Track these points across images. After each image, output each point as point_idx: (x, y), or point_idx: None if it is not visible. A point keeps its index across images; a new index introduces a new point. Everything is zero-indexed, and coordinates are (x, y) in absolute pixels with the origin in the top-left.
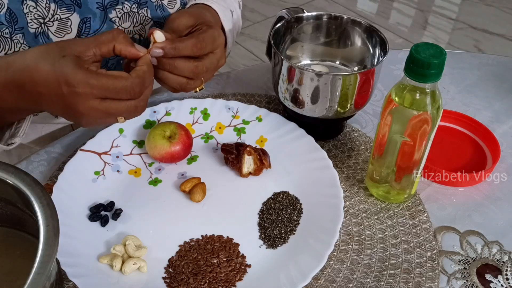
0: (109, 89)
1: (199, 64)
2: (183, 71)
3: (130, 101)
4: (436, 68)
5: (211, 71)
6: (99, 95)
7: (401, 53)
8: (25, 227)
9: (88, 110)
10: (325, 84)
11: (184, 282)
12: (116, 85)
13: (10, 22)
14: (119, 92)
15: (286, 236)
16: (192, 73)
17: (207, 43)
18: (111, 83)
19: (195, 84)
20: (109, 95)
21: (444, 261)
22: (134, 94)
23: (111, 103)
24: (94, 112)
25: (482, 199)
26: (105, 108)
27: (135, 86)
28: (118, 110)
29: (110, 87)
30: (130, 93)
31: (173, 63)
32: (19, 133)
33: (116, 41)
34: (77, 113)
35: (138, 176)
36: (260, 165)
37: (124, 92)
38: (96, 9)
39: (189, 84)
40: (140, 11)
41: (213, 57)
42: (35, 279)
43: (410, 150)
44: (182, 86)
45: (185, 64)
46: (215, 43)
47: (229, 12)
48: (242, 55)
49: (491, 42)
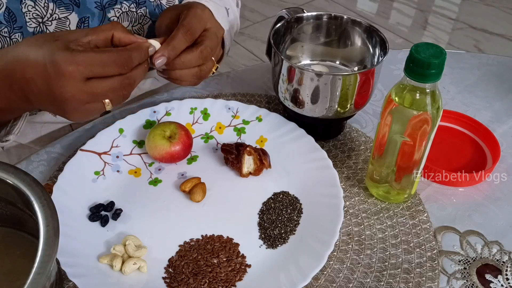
0: (95, 63)
1: (203, 48)
2: (192, 62)
3: (116, 78)
4: (436, 68)
5: (215, 47)
6: (85, 71)
7: (401, 53)
8: (25, 227)
9: (73, 92)
10: (325, 84)
11: (184, 282)
12: (103, 57)
13: (9, 21)
14: (106, 64)
15: (286, 236)
16: (200, 59)
17: (195, 24)
18: (97, 56)
19: (209, 67)
20: (95, 69)
21: (444, 261)
22: (122, 66)
23: (96, 83)
24: (79, 93)
25: (482, 199)
26: (90, 89)
27: (122, 57)
28: (103, 88)
29: (97, 59)
30: (117, 64)
31: (179, 60)
32: (14, 131)
33: (114, 30)
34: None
35: (138, 176)
36: (260, 165)
37: (111, 64)
38: (94, 9)
39: (203, 70)
40: (138, 10)
41: (210, 33)
42: (35, 279)
43: (410, 150)
44: (197, 76)
45: (190, 55)
46: (202, 20)
47: (224, 10)
48: (242, 55)
49: (491, 42)
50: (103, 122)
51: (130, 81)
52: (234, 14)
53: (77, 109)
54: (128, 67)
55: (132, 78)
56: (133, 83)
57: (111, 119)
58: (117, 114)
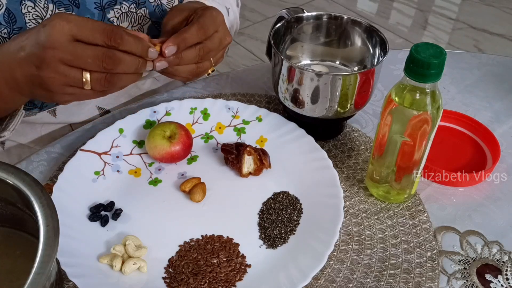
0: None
1: (202, 46)
2: (189, 59)
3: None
4: (436, 68)
5: (216, 50)
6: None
7: (401, 53)
8: (25, 227)
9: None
10: (325, 84)
11: (184, 282)
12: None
13: (8, 22)
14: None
15: (286, 236)
16: (197, 57)
17: (209, 24)
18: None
19: (205, 67)
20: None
21: (444, 261)
22: (109, 38)
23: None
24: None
25: (482, 199)
26: (73, 48)
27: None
28: (85, 52)
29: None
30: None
31: (179, 55)
32: (9, 127)
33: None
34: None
35: (138, 176)
36: (260, 165)
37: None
38: (94, 9)
39: (199, 68)
40: (138, 11)
41: (215, 37)
42: (35, 279)
43: (410, 150)
44: (193, 73)
45: (189, 52)
46: (216, 22)
47: (225, 9)
48: (242, 55)
49: (491, 42)
50: (103, 122)
51: (114, 58)
52: (234, 14)
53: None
54: (116, 41)
55: (117, 56)
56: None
57: (111, 119)
58: (117, 114)
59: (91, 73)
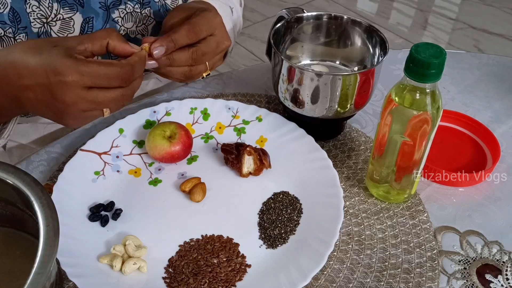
0: (99, 76)
1: (195, 49)
2: (181, 61)
3: (118, 90)
4: (436, 68)
5: (212, 54)
6: (88, 82)
7: (401, 53)
8: (25, 227)
9: (74, 100)
10: (325, 84)
11: (184, 282)
12: (108, 71)
13: (13, 21)
14: (110, 78)
15: (286, 236)
16: (191, 59)
17: (202, 26)
18: (102, 69)
19: (199, 70)
20: (99, 81)
21: (444, 261)
22: (124, 80)
23: (98, 92)
24: (81, 101)
25: (482, 199)
26: (92, 97)
27: (125, 72)
28: (105, 99)
29: (101, 73)
30: (120, 79)
31: (171, 57)
32: (3, 135)
33: (110, 38)
34: (63, 104)
35: (138, 176)
36: (260, 165)
37: (114, 78)
38: (99, 9)
39: (192, 70)
40: (143, 11)
41: (211, 40)
42: (35, 279)
43: (410, 150)
44: (186, 75)
45: (181, 54)
46: (211, 25)
47: (229, 8)
48: (242, 55)
49: (491, 42)
50: (103, 122)
51: (131, 92)
52: (238, 13)
53: (76, 116)
54: (130, 81)
55: (132, 89)
56: (133, 93)
57: (111, 119)
58: (117, 114)
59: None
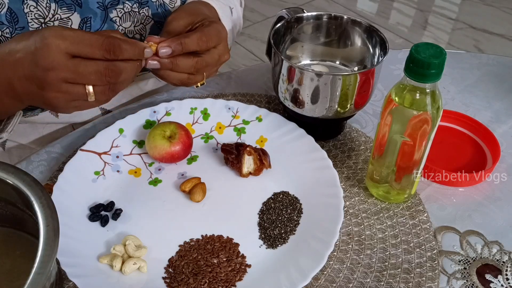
0: (82, 41)
1: (200, 60)
2: (184, 68)
3: (101, 61)
4: (436, 68)
5: (213, 66)
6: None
7: (401, 53)
8: (25, 227)
9: (54, 64)
10: (325, 84)
11: (184, 282)
12: (91, 38)
13: (11, 21)
14: (93, 45)
15: (286, 236)
16: (192, 68)
17: (212, 36)
18: (86, 35)
19: (196, 79)
20: (81, 47)
21: (444, 261)
22: (108, 51)
23: (80, 61)
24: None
25: (482, 199)
26: (73, 65)
27: (110, 43)
28: (86, 69)
29: (85, 38)
30: (103, 47)
31: (175, 61)
32: (7, 129)
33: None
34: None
35: (138, 176)
36: (260, 165)
37: (97, 46)
38: (96, 9)
39: (190, 79)
40: (141, 10)
41: (214, 52)
42: (35, 279)
43: (410, 150)
44: (183, 82)
45: (185, 60)
46: (220, 37)
47: (228, 9)
48: (242, 55)
49: (491, 42)
50: (103, 122)
51: (116, 70)
52: (238, 14)
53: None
54: (115, 54)
55: (118, 67)
56: (119, 73)
57: (111, 119)
58: (117, 114)
59: (94, 86)
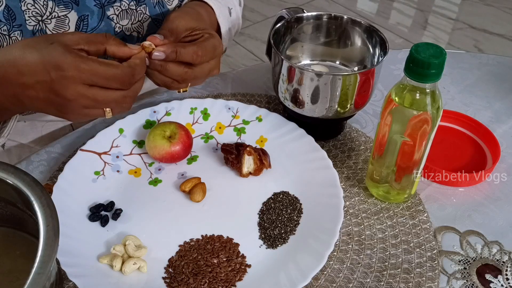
0: (99, 75)
1: (189, 71)
2: (172, 74)
3: (119, 91)
4: (436, 68)
5: (200, 78)
6: (87, 80)
7: (401, 53)
8: (25, 227)
9: (75, 96)
10: (325, 84)
11: (184, 282)
12: (107, 72)
13: (8, 19)
14: (109, 79)
15: (286, 236)
16: (179, 77)
17: (208, 52)
18: (101, 69)
19: (179, 85)
20: (98, 81)
21: (444, 261)
22: (124, 83)
23: (99, 91)
24: (82, 98)
25: (482, 199)
26: (92, 95)
27: (125, 75)
28: (106, 98)
29: (101, 73)
30: (119, 81)
31: (165, 65)
32: (3, 133)
33: (107, 44)
34: (64, 100)
35: (138, 176)
36: (260, 165)
37: (113, 80)
38: (93, 7)
39: (174, 84)
40: (138, 8)
41: (205, 67)
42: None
43: (410, 150)
44: (166, 84)
45: (175, 68)
46: (214, 53)
47: (227, 9)
48: (242, 55)
49: (491, 42)
50: (103, 122)
51: (133, 94)
52: (237, 14)
53: (78, 112)
54: (131, 84)
55: (134, 91)
56: (135, 96)
57: (111, 119)
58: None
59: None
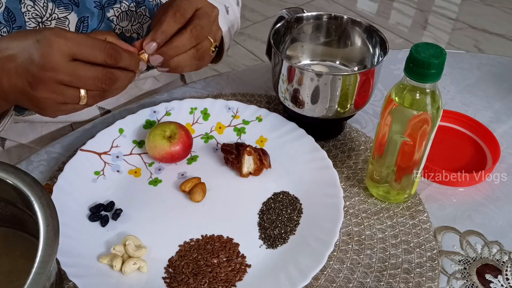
0: (85, 44)
1: (192, 27)
2: (185, 45)
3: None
4: (436, 68)
5: (208, 25)
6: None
7: (401, 53)
8: (25, 227)
9: (53, 65)
10: (325, 84)
11: (184, 282)
12: (94, 41)
13: (8, 21)
14: (95, 48)
15: (286, 236)
16: (192, 38)
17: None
18: (88, 39)
19: (205, 46)
20: (83, 50)
21: (444, 261)
22: (108, 56)
23: (80, 65)
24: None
25: (482, 199)
26: (73, 68)
27: (111, 47)
28: (86, 73)
29: (88, 41)
30: (105, 52)
31: (171, 45)
32: None
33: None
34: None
35: (138, 176)
36: (260, 165)
37: (99, 49)
38: (94, 8)
39: (199, 50)
40: (138, 9)
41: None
42: (35, 279)
43: (410, 150)
44: (196, 57)
45: (181, 37)
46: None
47: (224, 7)
48: (242, 55)
49: (491, 42)
50: (103, 122)
51: (113, 77)
52: (234, 13)
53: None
54: (116, 60)
55: (115, 75)
56: (115, 81)
57: (111, 119)
58: (117, 114)
59: (88, 91)
